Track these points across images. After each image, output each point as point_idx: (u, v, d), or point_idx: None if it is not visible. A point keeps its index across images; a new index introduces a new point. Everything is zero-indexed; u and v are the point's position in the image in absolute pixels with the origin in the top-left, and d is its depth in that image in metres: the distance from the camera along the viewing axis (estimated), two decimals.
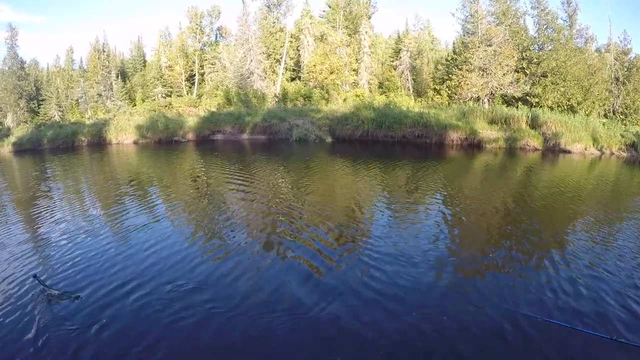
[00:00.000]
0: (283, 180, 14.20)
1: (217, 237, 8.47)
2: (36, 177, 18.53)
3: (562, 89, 26.14)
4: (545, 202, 10.35)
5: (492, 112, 22.97)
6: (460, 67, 28.89)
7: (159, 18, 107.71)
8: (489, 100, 28.11)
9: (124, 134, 34.17)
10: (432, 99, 31.88)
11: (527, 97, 27.31)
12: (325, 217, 9.15)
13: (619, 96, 26.23)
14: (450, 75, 29.87)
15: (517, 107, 24.59)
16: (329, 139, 24.21)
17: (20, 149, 37.07)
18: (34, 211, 11.51)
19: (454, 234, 8.24)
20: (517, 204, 10.25)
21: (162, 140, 31.09)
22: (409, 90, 33.64)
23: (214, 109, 33.04)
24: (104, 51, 44.51)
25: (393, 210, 9.95)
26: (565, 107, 25.84)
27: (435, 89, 32.28)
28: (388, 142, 22.76)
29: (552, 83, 26.56)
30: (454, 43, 35.18)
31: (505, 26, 28.93)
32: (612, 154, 18.74)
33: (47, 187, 16.17)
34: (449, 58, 31.54)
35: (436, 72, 32.95)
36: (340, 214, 9.49)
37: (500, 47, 28.01)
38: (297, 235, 8.12)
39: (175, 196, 12.58)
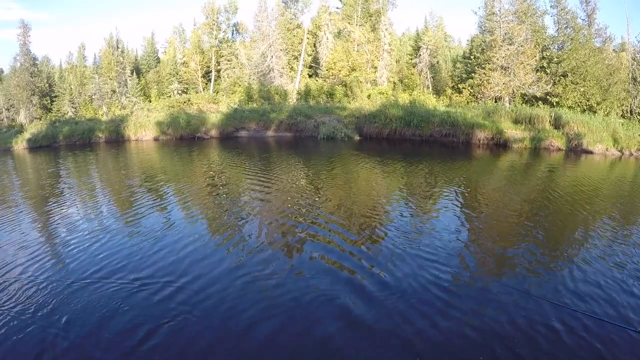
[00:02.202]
0: (310, 177, 14.98)
1: (238, 230, 8.99)
2: (54, 174, 19.45)
3: (581, 89, 27.56)
4: (572, 205, 10.60)
5: (516, 112, 24.33)
6: (483, 65, 30.17)
7: (172, 14, 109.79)
8: (510, 99, 29.54)
9: (143, 131, 35.50)
10: (450, 97, 33.33)
11: (548, 97, 28.68)
12: (351, 215, 9.67)
13: (636, 96, 27.54)
14: (473, 74, 31.23)
15: (537, 107, 26.05)
16: (356, 137, 25.52)
17: (35, 146, 38.52)
18: (57, 207, 12.11)
19: (480, 232, 8.69)
20: (542, 204, 10.68)
21: (184, 137, 32.43)
22: (428, 88, 35.11)
23: (235, 106, 34.37)
24: (118, 47, 45.76)
25: (419, 208, 10.50)
26: (585, 107, 27.27)
27: (454, 87, 33.83)
28: (415, 141, 24.00)
29: (572, 83, 27.95)
30: (472, 41, 36.53)
31: (528, 25, 30.13)
32: (631, 154, 19.77)
33: (69, 183, 16.89)
34: (470, 56, 32.65)
35: (454, 70, 34.39)
36: (367, 213, 10.00)
37: (523, 46, 29.35)
38: (318, 231, 8.64)
39: (198, 192, 13.25)
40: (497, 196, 11.78)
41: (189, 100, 38.59)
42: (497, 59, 29.54)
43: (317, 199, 11.60)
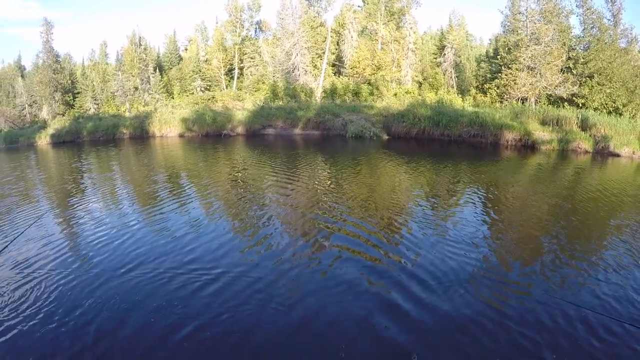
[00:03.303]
0: (339, 175, 15.34)
1: (266, 225, 9.39)
2: (79, 169, 20.23)
3: (607, 91, 28.13)
4: (598, 208, 10.80)
5: (544, 113, 24.90)
6: (509, 65, 30.87)
7: (192, 13, 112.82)
8: (536, 100, 30.31)
9: (168, 127, 36.84)
10: (474, 97, 34.15)
11: (574, 98, 29.30)
12: (375, 215, 9.98)
13: None
14: (498, 74, 32.00)
15: (563, 108, 26.53)
16: (384, 136, 26.37)
17: (59, 141, 40.24)
18: (83, 201, 12.70)
19: (505, 232, 8.94)
20: (568, 206, 10.87)
21: (210, 134, 33.65)
22: (453, 87, 36.00)
23: (260, 103, 35.48)
24: (140, 44, 47.30)
25: (446, 208, 10.82)
26: (611, 108, 27.85)
27: (477, 87, 34.70)
28: (444, 141, 24.64)
29: (598, 84, 28.53)
30: (496, 40, 37.39)
31: (555, 25, 30.76)
32: None
33: (94, 178, 17.72)
34: (497, 56, 33.26)
35: (479, 70, 35.24)
36: (396, 210, 10.38)
37: (549, 46, 30.07)
38: (348, 225, 9.04)
39: (225, 188, 13.74)
40: (525, 198, 12.05)
41: (213, 98, 39.96)
42: (524, 59, 30.22)
43: (346, 196, 12.03)
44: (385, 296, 5.99)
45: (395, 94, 33.09)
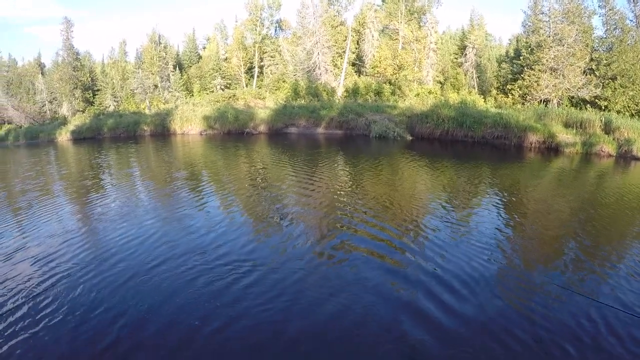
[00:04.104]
0: (364, 176, 15.74)
1: (288, 223, 9.68)
2: (100, 165, 21.11)
3: (630, 93, 28.57)
4: (619, 213, 10.98)
5: (567, 115, 25.11)
6: (532, 66, 31.31)
7: (211, 12, 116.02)
8: (558, 102, 30.87)
9: (189, 125, 37.79)
10: (495, 98, 34.68)
11: (596, 100, 29.71)
12: (398, 216, 10.23)
13: None
14: (519, 75, 32.54)
15: (586, 110, 26.85)
16: (408, 137, 27.00)
17: (79, 137, 41.78)
18: (107, 197, 13.22)
19: (529, 235, 9.18)
20: (589, 211, 11.05)
21: (232, 132, 34.54)
22: (474, 88, 36.68)
23: (282, 102, 36.44)
24: (160, 42, 48.69)
25: (467, 210, 11.06)
26: (633, 111, 28.19)
27: (498, 88, 35.32)
28: (468, 142, 25.08)
29: (620, 86, 28.93)
30: (516, 40, 37.99)
31: (577, 25, 31.06)
32: None
33: (116, 174, 18.41)
34: (519, 56, 33.70)
35: (500, 71, 35.85)
36: (416, 214, 10.59)
37: (572, 47, 30.46)
38: (365, 230, 9.15)
39: (248, 186, 14.19)
40: (549, 201, 12.29)
41: (234, 96, 41.08)
42: (547, 60, 30.68)
43: (369, 197, 12.38)
44: (410, 297, 6.18)
45: (418, 94, 33.83)
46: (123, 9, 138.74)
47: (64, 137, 42.54)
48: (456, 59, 40.52)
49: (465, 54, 38.26)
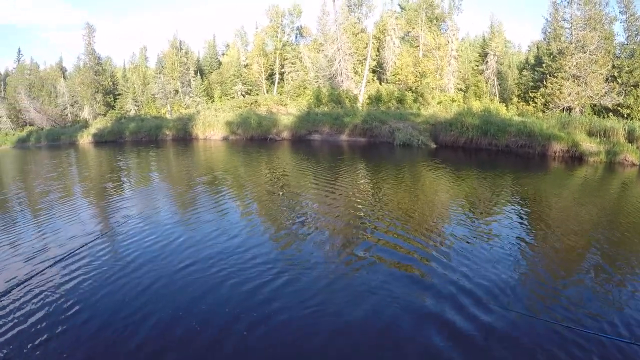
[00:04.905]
0: (386, 185, 15.87)
1: (310, 231, 9.74)
2: (123, 167, 21.77)
3: None
4: None
5: (590, 124, 25.60)
6: (555, 74, 32.04)
7: (230, 19, 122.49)
8: (580, 110, 31.61)
9: (211, 130, 39.13)
10: (517, 106, 35.39)
11: (618, 108, 30.30)
12: (423, 225, 10.29)
13: None
14: (541, 83, 33.39)
15: (608, 119, 27.22)
16: (432, 145, 27.69)
17: (101, 140, 43.80)
18: (134, 199, 13.74)
19: (553, 246, 9.12)
20: (613, 223, 10.96)
21: (255, 138, 35.62)
22: (495, 96, 37.61)
23: (305, 109, 37.69)
24: (181, 48, 50.56)
25: (493, 221, 10.95)
26: None
27: (519, 95, 36.18)
28: (492, 151, 25.56)
29: None
30: (536, 47, 38.85)
31: (600, 32, 31.67)
32: None
33: (139, 177, 19.04)
34: (542, 63, 34.34)
35: (521, 78, 36.67)
36: (440, 224, 10.65)
37: (594, 54, 31.07)
38: (389, 241, 9.14)
39: (272, 192, 14.40)
40: (574, 212, 12.33)
41: (256, 102, 42.54)
42: (569, 67, 31.42)
43: (394, 206, 12.45)
44: (434, 306, 6.24)
45: (440, 102, 34.80)
46: (141, 13, 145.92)
47: (85, 139, 44.48)
48: (477, 66, 41.39)
49: (487, 61, 39.09)
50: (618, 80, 31.44)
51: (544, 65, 33.97)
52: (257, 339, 5.46)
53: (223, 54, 57.78)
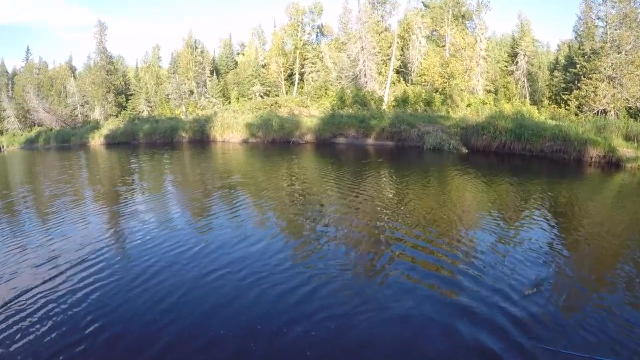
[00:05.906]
0: (417, 191, 15.95)
1: (332, 239, 9.83)
2: (140, 171, 22.02)
3: None
4: None
5: (627, 128, 25.67)
6: (589, 75, 32.20)
7: (244, 17, 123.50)
8: (616, 113, 31.80)
9: (230, 132, 39.44)
10: (548, 109, 35.61)
11: None
12: (454, 231, 10.41)
13: None
14: (573, 84, 33.67)
15: None
16: (463, 150, 27.73)
17: (113, 142, 44.50)
18: (155, 204, 13.85)
19: (586, 252, 9.18)
20: None
21: (276, 141, 35.92)
22: (525, 98, 37.89)
23: (329, 110, 37.90)
24: (196, 47, 51.43)
25: (525, 228, 10.91)
26: None
27: (551, 97, 36.47)
28: (525, 156, 25.57)
29: None
30: (568, 47, 39.14)
31: (636, 31, 31.71)
32: None
33: (164, 180, 19.24)
34: (576, 64, 34.38)
35: (552, 80, 36.97)
36: (472, 230, 10.70)
37: (630, 55, 31.18)
38: (417, 245, 9.34)
39: (296, 199, 14.45)
40: (612, 220, 12.22)
41: (276, 103, 43.03)
42: (604, 69, 31.63)
43: (424, 211, 12.53)
44: (467, 310, 6.40)
45: (469, 104, 35.13)
46: (153, 15, 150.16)
47: (97, 141, 45.17)
48: (505, 67, 41.66)
49: (517, 62, 39.36)
50: None
51: (577, 66, 34.16)
52: (281, 349, 5.55)
53: (239, 54, 58.61)
